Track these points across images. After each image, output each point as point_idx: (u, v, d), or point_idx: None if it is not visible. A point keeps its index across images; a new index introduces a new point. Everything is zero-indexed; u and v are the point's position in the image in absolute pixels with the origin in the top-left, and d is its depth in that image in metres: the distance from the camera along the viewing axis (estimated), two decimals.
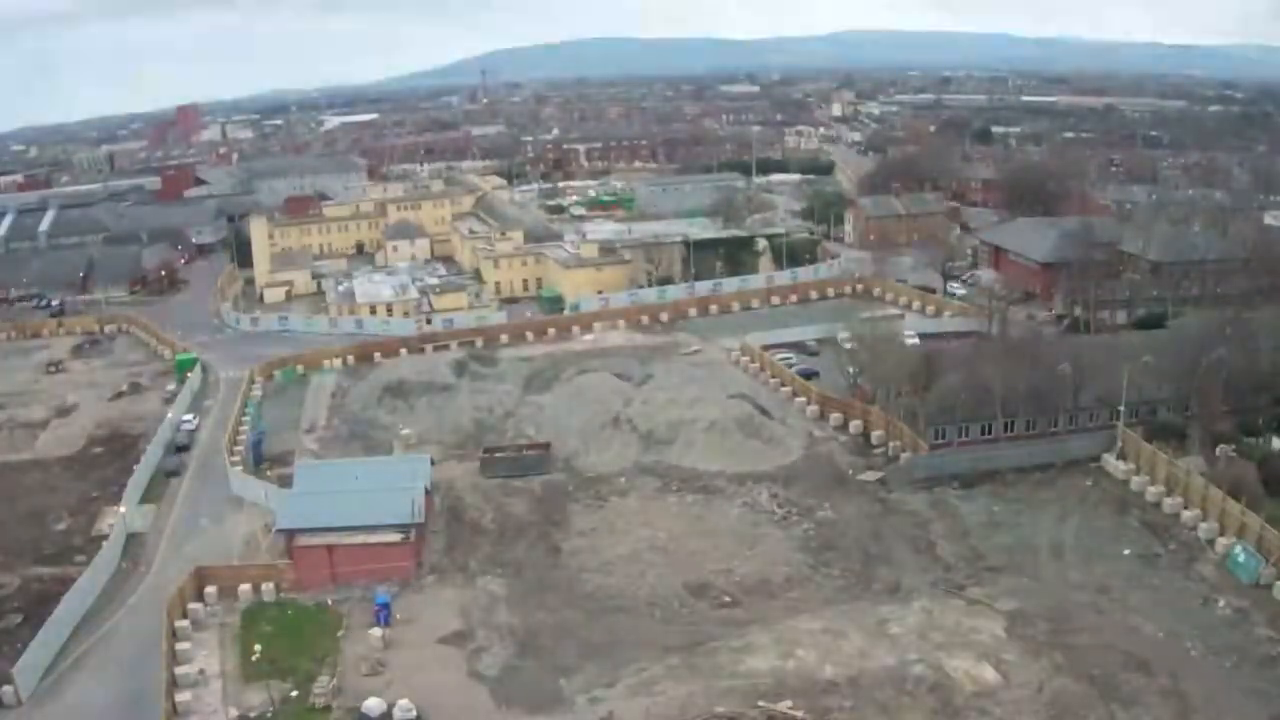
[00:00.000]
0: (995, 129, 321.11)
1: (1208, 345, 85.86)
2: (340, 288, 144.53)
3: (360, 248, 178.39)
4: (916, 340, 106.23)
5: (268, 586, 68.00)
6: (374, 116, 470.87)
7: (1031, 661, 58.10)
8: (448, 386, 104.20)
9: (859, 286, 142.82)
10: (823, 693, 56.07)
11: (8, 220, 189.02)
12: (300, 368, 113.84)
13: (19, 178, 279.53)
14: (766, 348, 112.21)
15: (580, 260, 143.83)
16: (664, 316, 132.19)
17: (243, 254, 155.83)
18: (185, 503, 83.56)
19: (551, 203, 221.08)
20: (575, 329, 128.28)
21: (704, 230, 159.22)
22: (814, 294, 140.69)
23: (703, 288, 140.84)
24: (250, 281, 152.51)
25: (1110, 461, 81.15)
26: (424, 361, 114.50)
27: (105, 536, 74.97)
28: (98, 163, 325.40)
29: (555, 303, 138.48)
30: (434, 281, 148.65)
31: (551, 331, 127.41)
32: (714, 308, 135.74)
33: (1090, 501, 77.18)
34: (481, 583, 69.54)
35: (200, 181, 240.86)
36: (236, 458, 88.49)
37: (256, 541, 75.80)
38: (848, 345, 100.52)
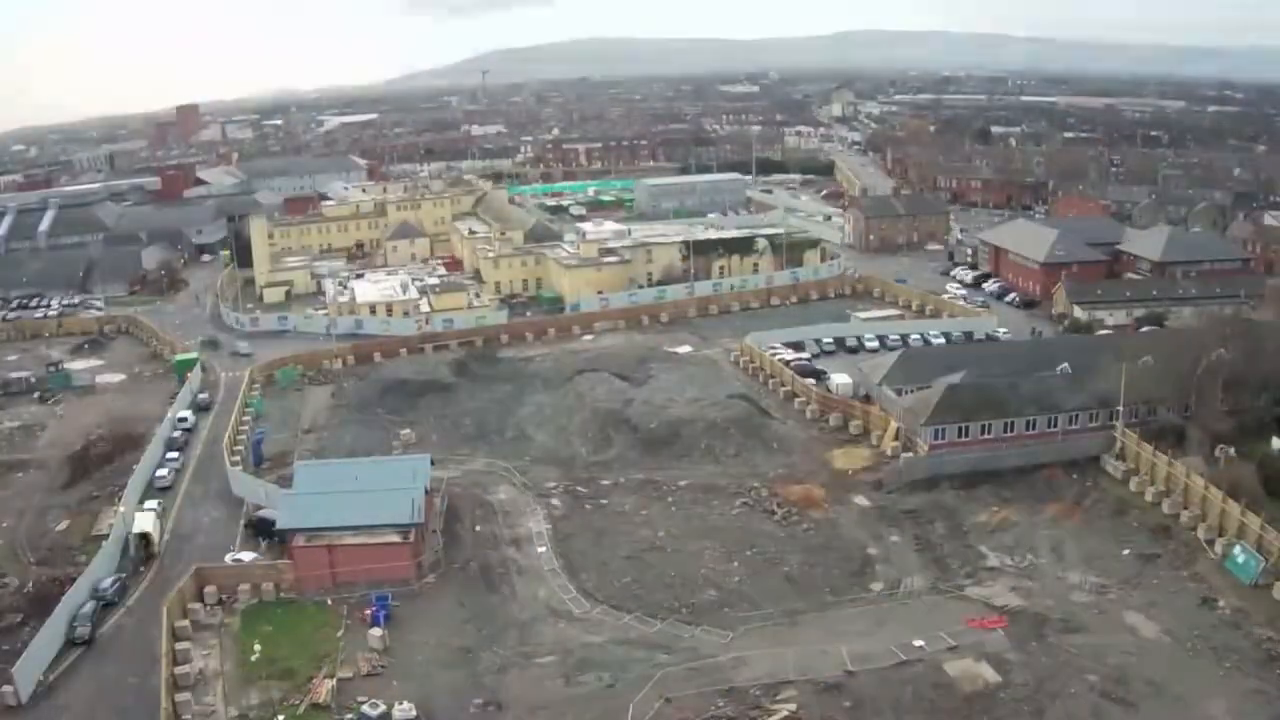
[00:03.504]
0: (995, 129, 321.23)
1: (1208, 345, 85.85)
2: (340, 287, 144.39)
3: (360, 247, 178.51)
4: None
5: (267, 586, 68.03)
6: (374, 116, 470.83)
7: (1031, 661, 58.17)
8: (448, 386, 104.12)
9: (859, 287, 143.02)
10: (823, 693, 56.15)
11: (8, 220, 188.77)
12: (300, 368, 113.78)
13: (19, 178, 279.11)
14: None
15: (580, 260, 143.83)
16: (664, 317, 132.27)
17: (243, 254, 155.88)
18: (186, 503, 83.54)
19: (551, 203, 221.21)
20: (575, 329, 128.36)
21: (704, 230, 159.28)
22: (814, 294, 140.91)
23: (703, 288, 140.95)
24: (250, 281, 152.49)
25: (1110, 462, 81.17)
26: (424, 361, 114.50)
27: (104, 536, 74.86)
28: (98, 163, 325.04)
29: (555, 303, 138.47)
30: (434, 281, 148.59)
31: (551, 332, 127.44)
32: (714, 308, 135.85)
33: (1089, 502, 77.21)
34: (481, 583, 69.56)
35: (200, 181, 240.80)
36: (237, 458, 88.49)
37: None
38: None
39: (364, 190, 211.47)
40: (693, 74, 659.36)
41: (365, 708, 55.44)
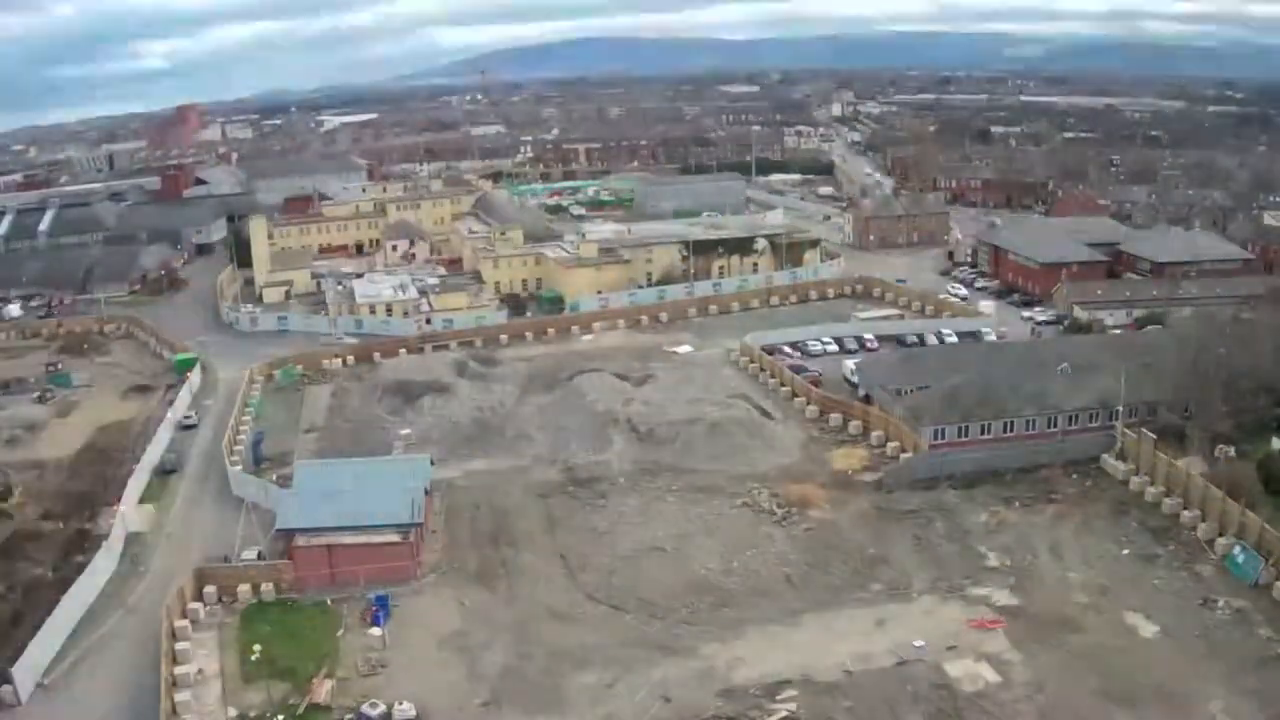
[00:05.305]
0: (995, 129, 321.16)
1: (1208, 345, 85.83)
2: (339, 287, 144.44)
3: (360, 248, 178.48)
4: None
5: (267, 586, 68.01)
6: (374, 116, 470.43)
7: (1031, 661, 58.14)
8: (448, 386, 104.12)
9: (859, 287, 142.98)
10: (823, 693, 56.13)
11: (8, 220, 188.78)
12: (299, 367, 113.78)
13: (19, 178, 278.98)
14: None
15: (580, 260, 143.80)
16: (664, 316, 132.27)
17: (243, 254, 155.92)
18: (185, 503, 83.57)
19: (551, 203, 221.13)
20: (575, 329, 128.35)
21: (704, 230, 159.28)
22: (814, 294, 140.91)
23: (703, 288, 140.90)
24: (250, 282, 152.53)
25: (1110, 462, 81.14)
26: (424, 361, 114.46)
27: (105, 536, 74.83)
28: (98, 163, 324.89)
29: (555, 303, 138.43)
30: (434, 281, 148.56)
31: (551, 331, 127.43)
32: (714, 308, 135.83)
33: (1089, 502, 77.19)
34: (481, 583, 69.55)
35: (200, 181, 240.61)
36: (236, 457, 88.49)
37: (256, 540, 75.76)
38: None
39: (364, 190, 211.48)
40: (693, 74, 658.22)
41: (365, 708, 55.42)
